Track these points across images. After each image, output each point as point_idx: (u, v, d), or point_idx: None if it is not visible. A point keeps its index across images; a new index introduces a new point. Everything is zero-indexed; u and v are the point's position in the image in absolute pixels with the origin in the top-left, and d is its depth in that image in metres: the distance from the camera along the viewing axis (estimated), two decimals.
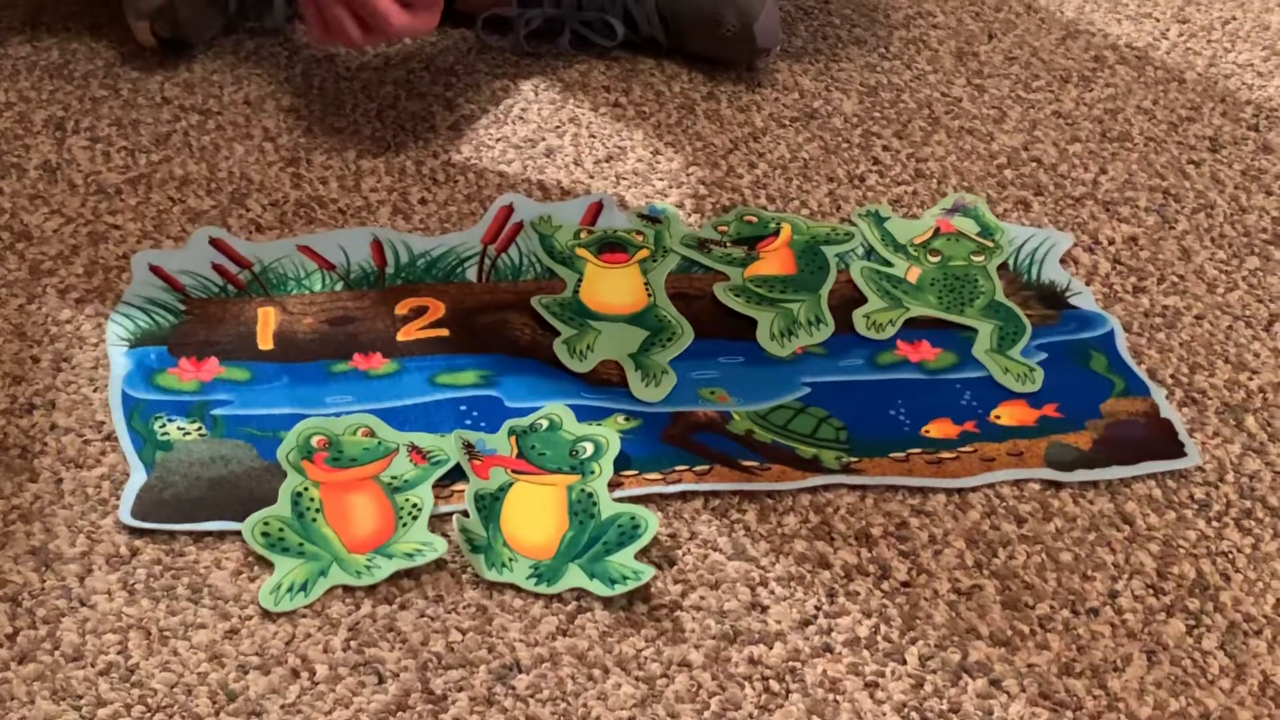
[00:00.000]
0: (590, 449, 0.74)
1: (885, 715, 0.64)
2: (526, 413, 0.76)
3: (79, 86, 1.01)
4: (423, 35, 1.05)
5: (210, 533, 0.70)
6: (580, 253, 0.88)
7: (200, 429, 0.74)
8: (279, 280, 0.85)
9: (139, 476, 0.72)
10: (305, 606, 0.67)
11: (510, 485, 0.72)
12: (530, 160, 0.97)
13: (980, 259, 0.90)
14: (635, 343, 0.82)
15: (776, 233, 0.91)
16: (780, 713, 0.64)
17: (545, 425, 0.76)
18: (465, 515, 0.71)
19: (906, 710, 0.65)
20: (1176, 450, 0.77)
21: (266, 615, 0.66)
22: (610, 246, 0.89)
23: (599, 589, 0.68)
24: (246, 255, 0.86)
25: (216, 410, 0.76)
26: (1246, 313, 0.88)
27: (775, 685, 0.65)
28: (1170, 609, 0.69)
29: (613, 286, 0.86)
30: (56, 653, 0.64)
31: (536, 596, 0.68)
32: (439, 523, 0.71)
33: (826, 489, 0.74)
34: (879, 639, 0.67)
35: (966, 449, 0.76)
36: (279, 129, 0.98)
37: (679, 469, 0.74)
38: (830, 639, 0.67)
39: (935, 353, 0.83)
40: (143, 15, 1.01)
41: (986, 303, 0.86)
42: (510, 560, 0.69)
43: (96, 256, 0.86)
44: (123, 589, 0.67)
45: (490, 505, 0.71)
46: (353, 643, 0.66)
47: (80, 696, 0.63)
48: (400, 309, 0.83)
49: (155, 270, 0.85)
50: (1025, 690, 0.66)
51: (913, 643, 0.67)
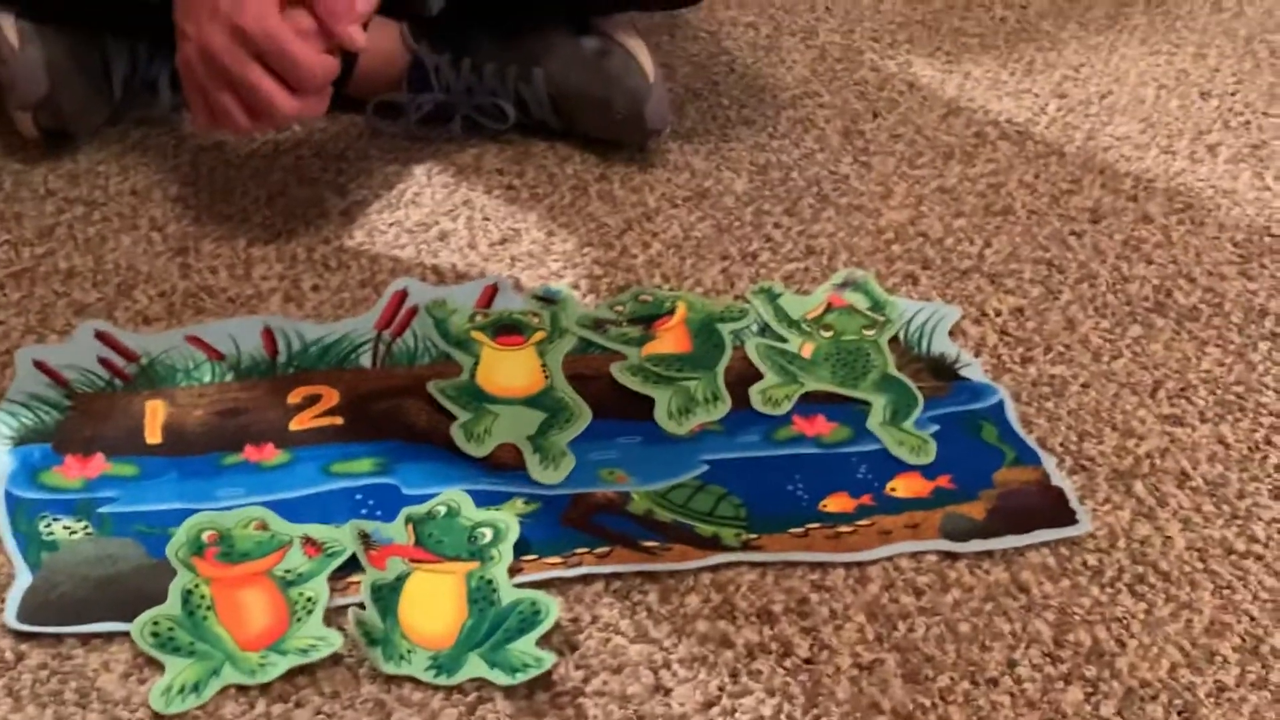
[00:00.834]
0: (489, 534, 0.74)
1: None
2: (424, 499, 0.76)
3: None
4: (312, 120, 1.05)
5: (99, 634, 0.68)
6: (476, 336, 0.88)
7: (87, 528, 0.73)
8: (167, 372, 0.83)
9: (24, 578, 0.70)
10: (198, 708, 0.65)
11: (408, 575, 0.71)
12: (424, 244, 0.97)
13: (872, 333, 0.91)
14: (533, 425, 0.82)
15: (672, 311, 0.92)
16: None
17: (443, 512, 0.75)
18: (362, 607, 0.70)
19: None
20: (1068, 518, 0.79)
21: (158, 718, 0.65)
22: (506, 329, 0.89)
23: (500, 678, 0.67)
24: (133, 348, 0.85)
25: (104, 508, 0.74)
26: (1132, 380, 0.90)
27: None
28: (1068, 677, 0.70)
29: (509, 369, 0.86)
30: None
31: (436, 688, 0.67)
32: (335, 616, 0.70)
33: (727, 567, 0.74)
34: (783, 718, 0.67)
35: (864, 522, 0.77)
36: (166, 218, 0.97)
37: (579, 551, 0.74)
38: None
39: (831, 427, 0.84)
40: (25, 106, 1.00)
41: (879, 376, 0.88)
42: (409, 652, 0.68)
43: None
44: (8, 695, 0.65)
45: (388, 596, 0.70)
46: None
47: None
48: (293, 398, 0.82)
49: (39, 366, 0.83)
50: None
51: None
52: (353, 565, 0.72)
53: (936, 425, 0.84)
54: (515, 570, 0.72)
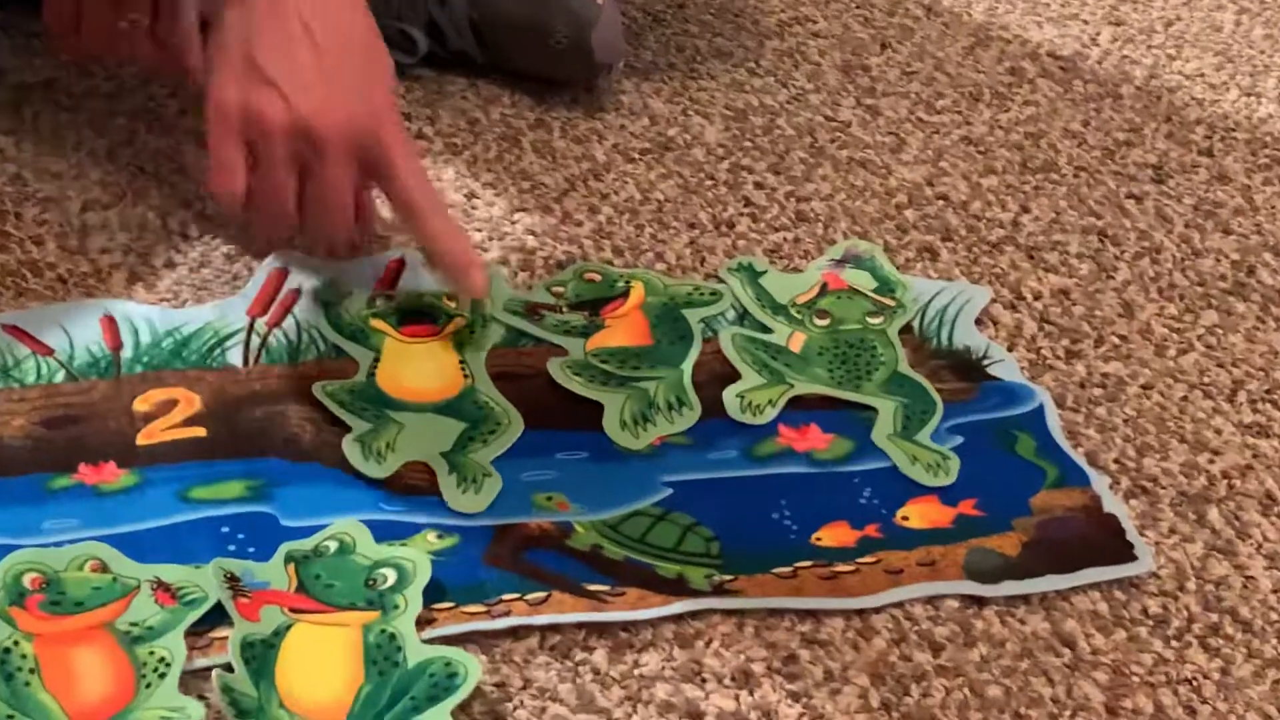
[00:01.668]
0: (392, 577, 0.73)
1: None
2: (309, 533, 0.76)
3: None
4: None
5: None
6: (376, 325, 0.88)
7: None
8: None
9: None
10: None
11: (288, 628, 0.71)
12: None
13: (879, 321, 0.92)
14: (449, 438, 0.81)
15: (626, 294, 0.92)
16: None
17: (333, 549, 0.75)
18: (229, 670, 0.69)
19: None
20: (1125, 553, 0.79)
21: None
22: (415, 316, 0.88)
23: None
24: None
25: None
26: (1204, 380, 0.91)
27: None
28: None
29: (419, 367, 0.86)
30: None
31: None
32: (195, 681, 0.69)
33: (695, 616, 0.74)
34: None
35: (868, 559, 0.77)
36: None
37: (507, 598, 0.74)
38: None
39: (826, 439, 0.84)
40: None
41: (888, 376, 0.88)
42: None
43: None
44: None
45: (262, 655, 0.70)
46: None
47: None
48: (141, 404, 0.82)
49: None
50: None
51: None
52: (218, 616, 0.71)
53: (960, 437, 0.85)
54: (426, 622, 0.72)
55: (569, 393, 0.85)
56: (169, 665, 0.69)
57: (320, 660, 0.70)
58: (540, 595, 0.74)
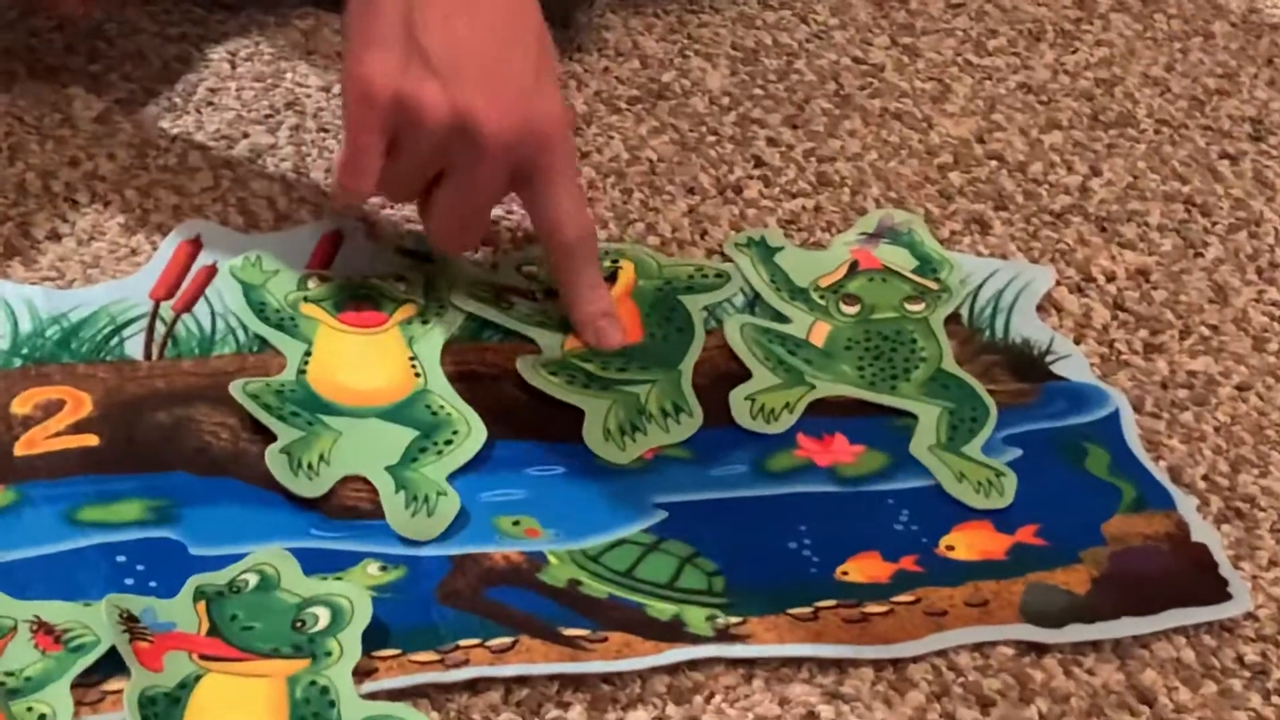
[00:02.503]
0: (325, 618, 0.74)
1: None
2: (224, 564, 0.76)
3: None
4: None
5: None
6: (308, 311, 0.88)
7: None
8: None
9: None
10: None
11: (197, 679, 0.71)
12: (227, 167, 0.97)
13: (919, 308, 0.92)
14: (396, 449, 0.82)
15: (613, 276, 0.92)
16: None
17: (253, 582, 0.75)
18: None
19: None
20: (1217, 591, 0.79)
21: None
22: (356, 301, 0.89)
23: None
24: None
25: None
26: None
27: None
28: None
29: (360, 363, 0.86)
30: None
31: None
32: None
33: (694, 666, 0.74)
34: None
35: (905, 598, 0.77)
36: None
37: (465, 644, 0.74)
38: None
39: (855, 452, 0.84)
40: None
41: (930, 375, 0.88)
42: None
43: None
44: None
45: (166, 712, 0.70)
46: None
47: None
48: (20, 405, 0.82)
49: None
50: None
51: None
52: (111, 664, 0.71)
53: (1018, 449, 0.85)
54: (366, 672, 0.72)
55: (542, 396, 0.85)
56: None
57: (237, 717, 0.70)
58: (505, 641, 0.74)
